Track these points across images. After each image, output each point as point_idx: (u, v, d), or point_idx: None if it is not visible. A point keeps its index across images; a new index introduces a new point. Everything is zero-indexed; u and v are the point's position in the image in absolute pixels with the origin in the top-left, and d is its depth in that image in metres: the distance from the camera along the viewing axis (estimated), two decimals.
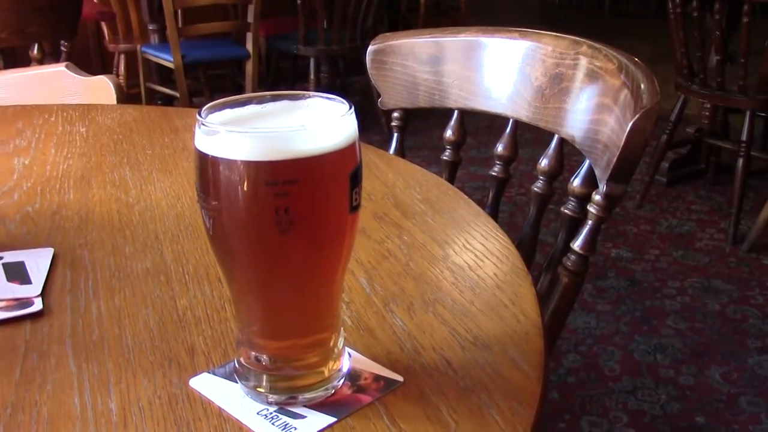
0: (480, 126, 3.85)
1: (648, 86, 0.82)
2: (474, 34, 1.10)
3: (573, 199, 0.95)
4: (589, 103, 0.92)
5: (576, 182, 0.94)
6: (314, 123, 0.48)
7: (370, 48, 1.18)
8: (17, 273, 0.70)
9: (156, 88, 3.87)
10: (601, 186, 0.85)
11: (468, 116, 1.13)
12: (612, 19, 7.76)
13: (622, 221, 2.99)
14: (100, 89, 1.36)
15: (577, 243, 0.88)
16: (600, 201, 0.86)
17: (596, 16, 7.76)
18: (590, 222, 0.87)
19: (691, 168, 3.39)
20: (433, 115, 2.09)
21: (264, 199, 0.48)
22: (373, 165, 0.97)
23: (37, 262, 0.72)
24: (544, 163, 1.01)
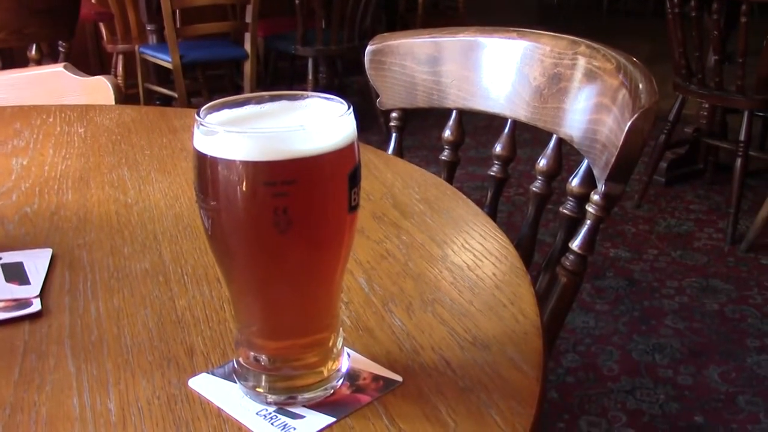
0: (478, 126, 3.85)
1: (646, 86, 0.82)
2: (472, 34, 1.10)
3: (571, 198, 0.95)
4: (588, 102, 0.92)
5: (574, 182, 0.94)
6: (313, 123, 0.48)
7: (369, 48, 1.18)
8: (16, 273, 0.70)
9: (154, 88, 3.86)
10: (600, 186, 0.85)
11: (466, 116, 1.13)
12: (609, 17, 7.77)
13: (620, 221, 2.99)
14: (99, 90, 1.35)
15: (576, 243, 0.88)
16: (598, 201, 0.86)
17: (594, 16, 7.77)
18: (589, 222, 0.87)
19: (690, 168, 3.39)
20: (432, 115, 2.09)
21: (262, 199, 0.48)
22: (372, 165, 0.97)
23: (36, 262, 0.72)
24: (543, 163, 1.01)
